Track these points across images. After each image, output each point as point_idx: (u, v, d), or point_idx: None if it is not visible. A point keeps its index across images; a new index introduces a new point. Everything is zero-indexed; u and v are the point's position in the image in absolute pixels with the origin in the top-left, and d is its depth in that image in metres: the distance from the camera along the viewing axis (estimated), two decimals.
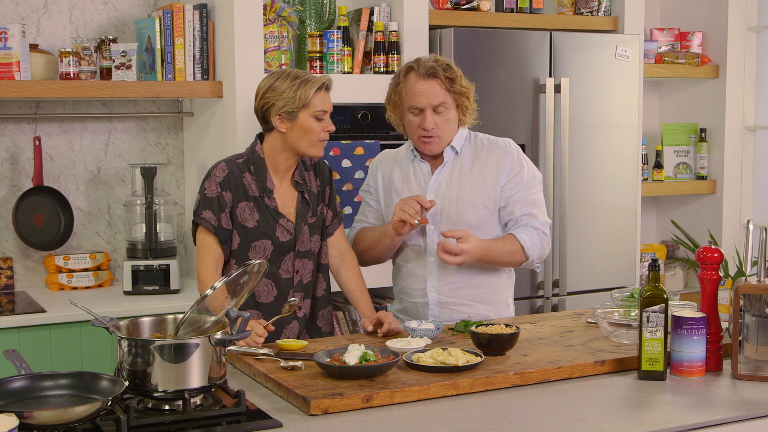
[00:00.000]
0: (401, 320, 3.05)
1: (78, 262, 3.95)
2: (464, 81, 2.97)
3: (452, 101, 2.95)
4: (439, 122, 2.94)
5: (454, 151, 3.02)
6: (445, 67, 2.93)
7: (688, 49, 5.03)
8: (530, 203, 3.00)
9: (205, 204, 2.86)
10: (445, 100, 2.93)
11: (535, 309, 4.29)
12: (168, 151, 4.24)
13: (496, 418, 2.15)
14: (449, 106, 2.94)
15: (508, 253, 2.94)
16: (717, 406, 2.26)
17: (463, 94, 2.96)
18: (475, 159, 3.02)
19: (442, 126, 2.95)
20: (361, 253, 3.10)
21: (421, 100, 2.92)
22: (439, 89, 2.92)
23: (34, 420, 1.88)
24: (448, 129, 2.97)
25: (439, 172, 3.02)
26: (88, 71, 3.79)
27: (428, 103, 2.92)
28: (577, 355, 2.56)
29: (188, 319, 2.26)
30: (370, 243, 3.06)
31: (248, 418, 2.14)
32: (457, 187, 3.00)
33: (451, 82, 2.93)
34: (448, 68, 2.94)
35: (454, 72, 2.94)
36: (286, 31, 3.87)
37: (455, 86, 2.93)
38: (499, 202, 2.99)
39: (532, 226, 2.97)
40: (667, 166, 5.08)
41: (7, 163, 3.97)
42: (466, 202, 2.98)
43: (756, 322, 2.47)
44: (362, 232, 3.11)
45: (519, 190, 2.99)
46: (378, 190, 3.13)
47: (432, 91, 2.92)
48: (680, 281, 5.18)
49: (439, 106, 2.92)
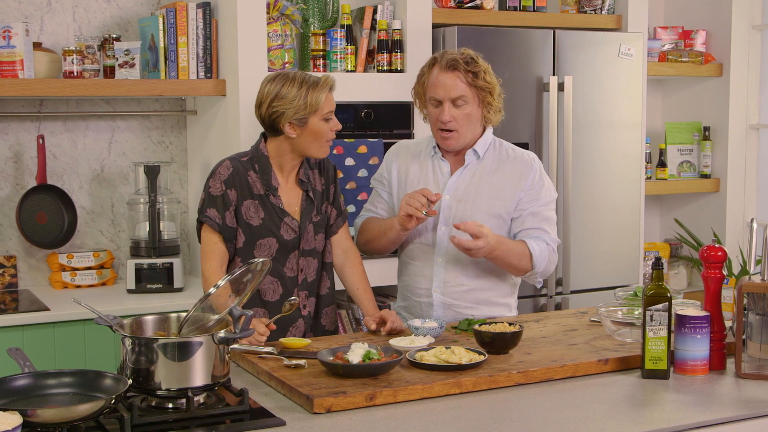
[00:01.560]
0: (404, 317, 3.05)
1: (81, 261, 3.96)
2: (489, 77, 2.92)
3: (473, 96, 2.91)
4: (458, 116, 2.91)
5: (477, 155, 2.99)
6: (468, 60, 2.90)
7: (691, 47, 5.03)
8: (543, 219, 2.98)
9: (209, 202, 2.86)
10: (464, 94, 2.89)
11: (538, 307, 4.29)
12: (171, 149, 4.24)
13: (499, 417, 2.15)
14: (469, 101, 2.90)
15: (517, 254, 2.91)
16: (720, 405, 2.25)
17: (486, 89, 2.92)
18: (497, 167, 3.00)
19: (460, 120, 2.92)
20: (365, 244, 3.09)
21: (440, 92, 2.91)
22: (459, 82, 2.89)
23: (38, 418, 1.88)
24: (468, 125, 2.94)
25: (459, 173, 2.99)
26: (91, 69, 3.79)
27: (446, 95, 2.90)
28: (580, 353, 2.56)
29: (191, 317, 2.26)
30: (374, 234, 3.04)
31: (251, 416, 2.14)
32: (474, 191, 2.97)
33: (473, 76, 2.89)
34: (472, 62, 2.90)
35: (478, 66, 2.90)
36: (289, 29, 3.87)
37: (477, 81, 2.89)
38: (513, 214, 2.98)
39: (543, 240, 2.96)
40: (671, 165, 5.08)
41: (11, 161, 3.97)
42: (482, 208, 2.96)
43: (759, 320, 2.47)
44: (368, 222, 3.09)
45: (535, 205, 2.97)
46: (391, 182, 3.10)
47: (452, 83, 2.89)
48: (684, 280, 5.17)
49: (458, 99, 2.89)
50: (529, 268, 2.94)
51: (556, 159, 4.26)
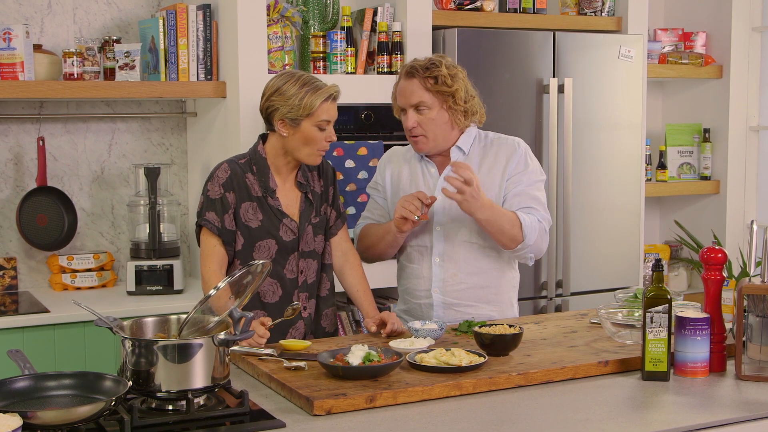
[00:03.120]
0: (405, 321, 3.05)
1: (81, 263, 3.96)
2: (452, 81, 2.90)
3: (434, 100, 2.91)
4: (422, 121, 2.93)
5: (461, 151, 3.00)
6: (428, 66, 2.90)
7: (691, 49, 5.03)
8: (531, 198, 2.96)
9: (208, 205, 2.86)
10: (423, 99, 2.90)
11: (538, 309, 4.29)
12: (171, 151, 4.24)
13: (499, 419, 2.15)
14: (431, 105, 2.91)
15: (509, 219, 2.86)
16: (721, 407, 2.25)
17: (447, 93, 2.91)
18: (483, 158, 3.01)
19: (425, 125, 2.93)
20: (365, 250, 3.10)
21: (402, 100, 2.95)
22: (417, 88, 2.91)
23: (38, 420, 1.88)
24: (434, 128, 2.94)
25: (446, 172, 3.01)
26: (91, 72, 3.79)
27: (407, 102, 2.93)
28: (580, 355, 2.56)
29: (192, 319, 2.26)
30: (373, 240, 3.05)
31: (251, 418, 2.14)
32: None
33: (433, 81, 2.89)
34: (433, 67, 2.90)
35: (438, 71, 2.89)
36: (289, 31, 3.87)
37: (437, 86, 2.89)
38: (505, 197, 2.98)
39: (533, 216, 2.93)
40: (671, 167, 5.08)
41: (11, 163, 3.98)
42: None
43: (760, 322, 2.47)
44: (366, 228, 3.11)
45: (520, 185, 2.97)
46: (386, 188, 3.12)
47: (410, 90, 2.92)
48: (684, 282, 5.17)
49: (419, 105, 2.91)
50: (519, 238, 2.88)
51: (556, 161, 4.26)
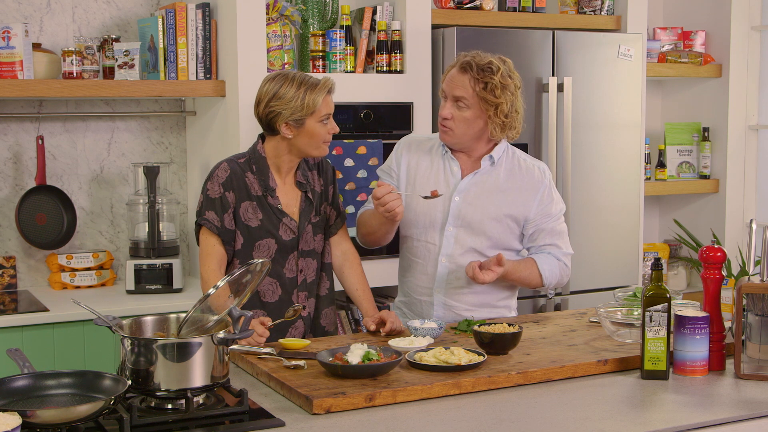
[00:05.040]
0: (404, 313, 3.06)
1: (81, 261, 3.96)
2: (501, 92, 2.86)
3: (476, 103, 2.88)
4: (457, 116, 2.91)
5: (492, 161, 2.99)
6: (484, 67, 2.87)
7: (691, 48, 5.03)
8: (555, 234, 3.03)
9: (207, 205, 2.86)
10: (465, 96, 2.88)
11: (537, 308, 4.29)
12: (171, 150, 4.24)
13: (498, 418, 2.15)
14: (471, 105, 2.89)
15: (527, 278, 3.00)
16: (720, 406, 2.26)
17: (491, 103, 2.87)
18: (509, 177, 3.00)
19: (458, 121, 2.91)
20: (364, 236, 3.09)
21: (447, 86, 2.93)
22: (464, 84, 2.88)
23: (37, 419, 1.88)
24: (466, 129, 2.92)
25: (472, 176, 2.98)
26: (90, 70, 3.79)
27: (450, 91, 2.91)
28: (579, 354, 2.56)
29: (191, 318, 2.26)
30: (370, 228, 3.03)
31: (251, 417, 2.14)
32: (486, 197, 2.97)
33: (483, 86, 2.87)
34: (488, 71, 2.87)
35: (491, 78, 2.86)
36: (288, 30, 3.87)
37: (484, 92, 2.87)
38: (525, 229, 3.01)
39: (555, 256, 3.01)
40: (670, 166, 5.08)
41: (10, 162, 3.97)
42: (491, 214, 2.96)
43: (759, 321, 2.47)
44: (366, 215, 3.07)
45: (547, 221, 3.01)
46: (400, 175, 3.07)
47: (458, 82, 2.90)
48: (683, 281, 5.17)
49: (460, 99, 2.90)
50: (540, 286, 3.04)
51: (555, 160, 4.26)
